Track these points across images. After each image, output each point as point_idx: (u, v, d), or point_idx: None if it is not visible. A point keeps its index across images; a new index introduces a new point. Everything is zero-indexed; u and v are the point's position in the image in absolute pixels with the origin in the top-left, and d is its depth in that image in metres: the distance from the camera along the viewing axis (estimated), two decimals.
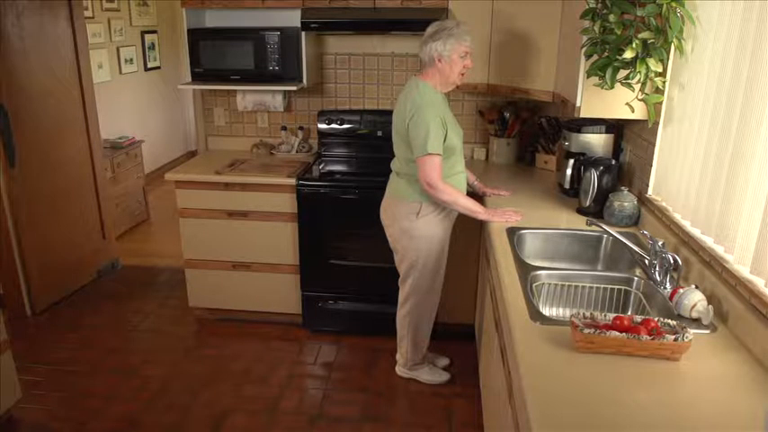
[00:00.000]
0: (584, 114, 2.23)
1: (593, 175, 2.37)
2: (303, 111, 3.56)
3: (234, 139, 3.65)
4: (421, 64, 2.46)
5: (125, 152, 4.81)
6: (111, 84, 5.49)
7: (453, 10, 2.95)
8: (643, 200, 2.25)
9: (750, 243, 1.45)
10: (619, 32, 1.94)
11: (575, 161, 2.59)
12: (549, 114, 3.19)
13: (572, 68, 2.30)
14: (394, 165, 2.58)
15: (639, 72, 1.96)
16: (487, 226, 2.37)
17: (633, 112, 2.15)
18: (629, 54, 1.91)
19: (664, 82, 2.03)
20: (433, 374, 2.85)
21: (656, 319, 1.42)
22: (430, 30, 2.38)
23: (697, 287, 1.59)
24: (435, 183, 2.35)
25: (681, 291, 1.57)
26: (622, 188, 2.29)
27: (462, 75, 2.42)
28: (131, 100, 5.95)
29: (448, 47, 2.33)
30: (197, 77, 3.23)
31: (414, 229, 2.52)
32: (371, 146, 3.38)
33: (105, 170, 4.21)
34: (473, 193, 2.63)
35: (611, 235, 1.97)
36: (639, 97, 2.08)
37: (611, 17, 1.94)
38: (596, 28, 2.02)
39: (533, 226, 2.29)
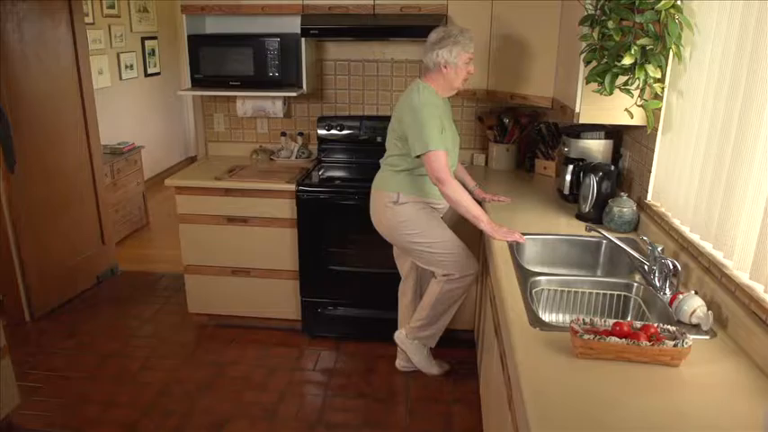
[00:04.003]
0: (583, 120, 2.24)
1: (593, 181, 2.38)
2: (303, 117, 3.57)
3: (233, 145, 3.66)
4: (424, 69, 2.48)
5: (125, 158, 4.81)
6: (111, 89, 5.50)
7: (452, 16, 2.96)
8: (642, 205, 2.25)
9: (749, 248, 1.46)
10: (617, 39, 1.95)
11: (574, 167, 2.59)
12: (548, 120, 3.20)
13: (571, 74, 2.31)
14: (382, 160, 2.58)
15: (638, 78, 1.97)
16: None
17: (632, 118, 2.16)
18: (627, 60, 1.92)
19: (662, 88, 2.03)
20: (431, 364, 2.83)
21: (655, 324, 1.42)
22: (434, 36, 2.39)
23: (696, 293, 1.59)
24: (443, 177, 2.31)
25: (680, 296, 1.57)
26: (622, 194, 2.30)
27: (465, 80, 2.46)
28: (131, 106, 5.95)
29: (454, 54, 2.35)
30: (197, 83, 3.24)
31: (398, 215, 2.50)
32: (371, 152, 3.38)
33: (105, 176, 4.21)
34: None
35: (611, 240, 1.97)
36: (638, 103, 2.09)
37: (610, 24, 1.95)
38: (595, 34, 2.03)
39: (533, 232, 2.27)
